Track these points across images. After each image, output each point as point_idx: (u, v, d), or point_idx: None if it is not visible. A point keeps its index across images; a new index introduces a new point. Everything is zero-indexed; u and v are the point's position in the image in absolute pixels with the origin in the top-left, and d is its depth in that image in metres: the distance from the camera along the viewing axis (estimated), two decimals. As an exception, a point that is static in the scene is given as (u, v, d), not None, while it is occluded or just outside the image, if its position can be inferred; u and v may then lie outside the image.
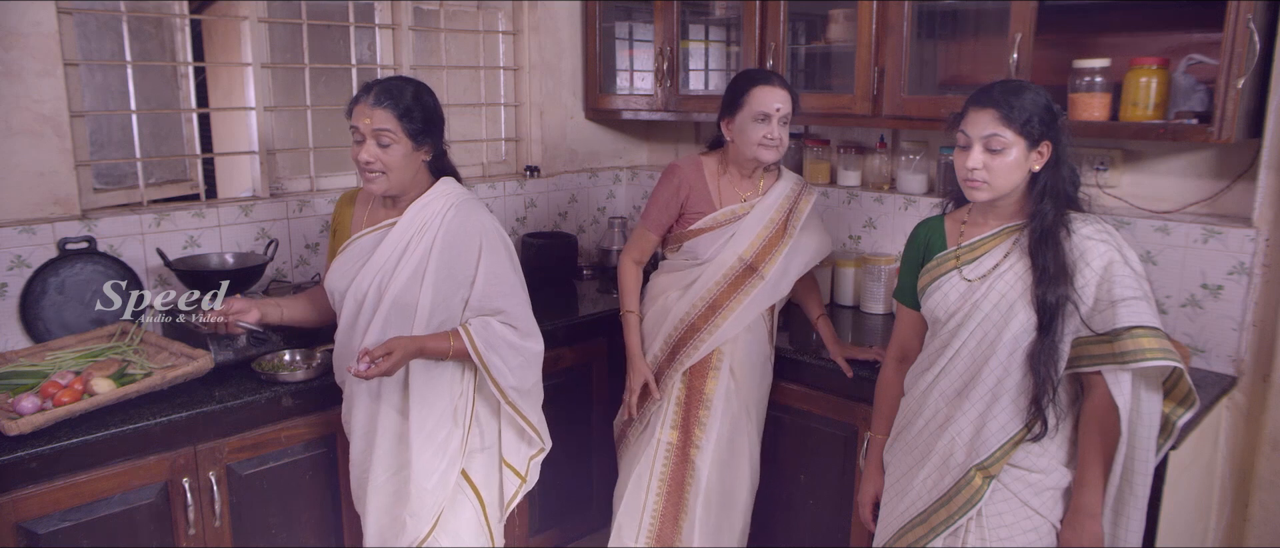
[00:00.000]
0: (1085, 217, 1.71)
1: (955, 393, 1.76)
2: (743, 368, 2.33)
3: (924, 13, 2.55)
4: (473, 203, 2.04)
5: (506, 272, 2.02)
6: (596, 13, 3.37)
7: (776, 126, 2.21)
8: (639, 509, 2.40)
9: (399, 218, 2.00)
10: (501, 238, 2.03)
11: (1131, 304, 1.60)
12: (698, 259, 2.34)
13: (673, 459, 2.37)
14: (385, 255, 1.98)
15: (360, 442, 2.08)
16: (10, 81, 2.21)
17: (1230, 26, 1.94)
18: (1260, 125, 2.13)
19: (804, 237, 2.34)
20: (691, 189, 2.33)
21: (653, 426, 2.39)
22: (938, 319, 1.81)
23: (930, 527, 1.77)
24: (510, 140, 3.44)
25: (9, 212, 2.26)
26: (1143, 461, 1.65)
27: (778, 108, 2.20)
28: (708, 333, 2.29)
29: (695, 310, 2.30)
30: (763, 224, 2.29)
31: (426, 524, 2.02)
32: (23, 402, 1.85)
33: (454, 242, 1.97)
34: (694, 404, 2.34)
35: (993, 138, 1.65)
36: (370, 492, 2.06)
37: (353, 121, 1.92)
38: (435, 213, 1.98)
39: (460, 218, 1.99)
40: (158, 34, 2.86)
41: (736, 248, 2.28)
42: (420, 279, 1.96)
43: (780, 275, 2.30)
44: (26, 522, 1.83)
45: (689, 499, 2.35)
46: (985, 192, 1.69)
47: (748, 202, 2.32)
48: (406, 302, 1.97)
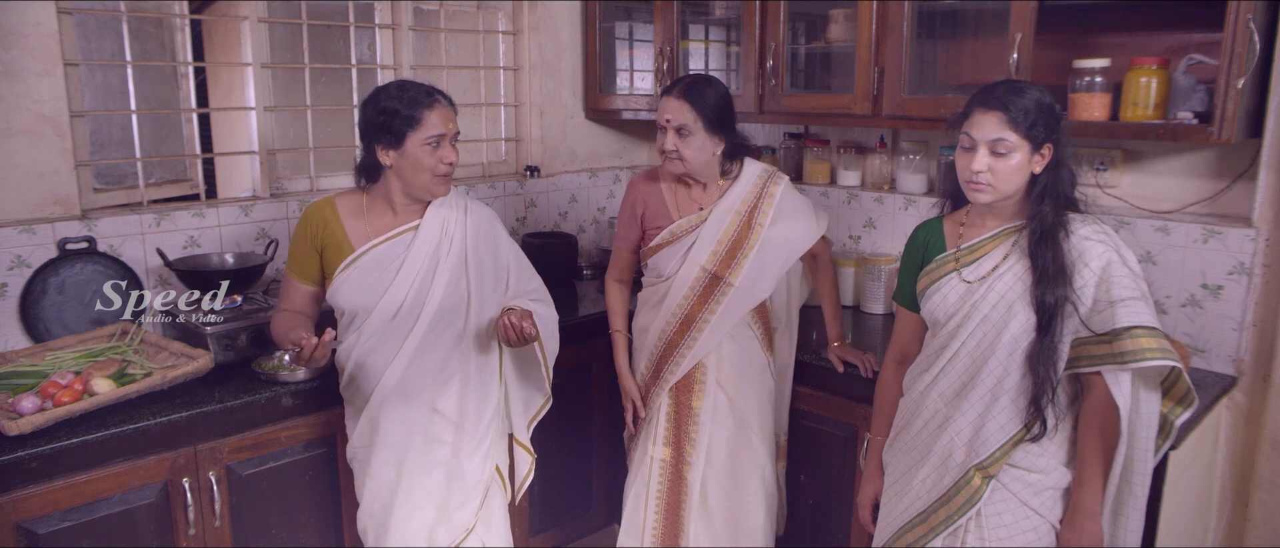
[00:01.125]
0: (1083, 217, 1.71)
1: (954, 393, 1.76)
2: (732, 379, 2.27)
3: (924, 13, 2.55)
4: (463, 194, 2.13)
5: (519, 250, 2.19)
6: (596, 13, 3.37)
7: (671, 138, 2.14)
8: (639, 528, 2.38)
9: (418, 222, 2.00)
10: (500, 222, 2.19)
11: (1130, 304, 1.61)
12: (662, 275, 2.29)
13: (667, 476, 2.34)
14: (418, 262, 1.97)
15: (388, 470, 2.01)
16: (10, 81, 2.21)
17: (1230, 26, 1.94)
18: (1260, 125, 2.13)
19: (777, 229, 2.22)
20: (647, 203, 2.31)
21: (645, 443, 2.36)
22: (937, 321, 1.81)
23: (930, 527, 1.77)
24: (510, 140, 3.44)
25: (9, 212, 2.26)
26: (1142, 460, 1.65)
27: (668, 119, 2.14)
28: (686, 348, 2.25)
29: (670, 327, 2.26)
30: (722, 228, 2.21)
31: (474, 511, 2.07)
32: (23, 402, 1.85)
33: (481, 237, 2.06)
34: (683, 419, 2.30)
35: (999, 142, 1.65)
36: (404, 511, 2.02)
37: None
38: (452, 211, 2.02)
39: (476, 213, 2.08)
40: (158, 34, 2.86)
41: (697, 258, 2.22)
42: (462, 279, 2.00)
43: (756, 278, 2.21)
44: (26, 522, 1.83)
45: (684, 518, 2.32)
46: (989, 194, 1.69)
47: (705, 209, 2.24)
48: (452, 304, 1.99)
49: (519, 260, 2.17)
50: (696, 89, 2.14)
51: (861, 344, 2.46)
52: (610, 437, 2.94)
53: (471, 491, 2.07)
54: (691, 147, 2.15)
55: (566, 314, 2.81)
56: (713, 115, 2.14)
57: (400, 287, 1.96)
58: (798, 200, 2.30)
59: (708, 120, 2.14)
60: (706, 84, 2.17)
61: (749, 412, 2.29)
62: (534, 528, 2.78)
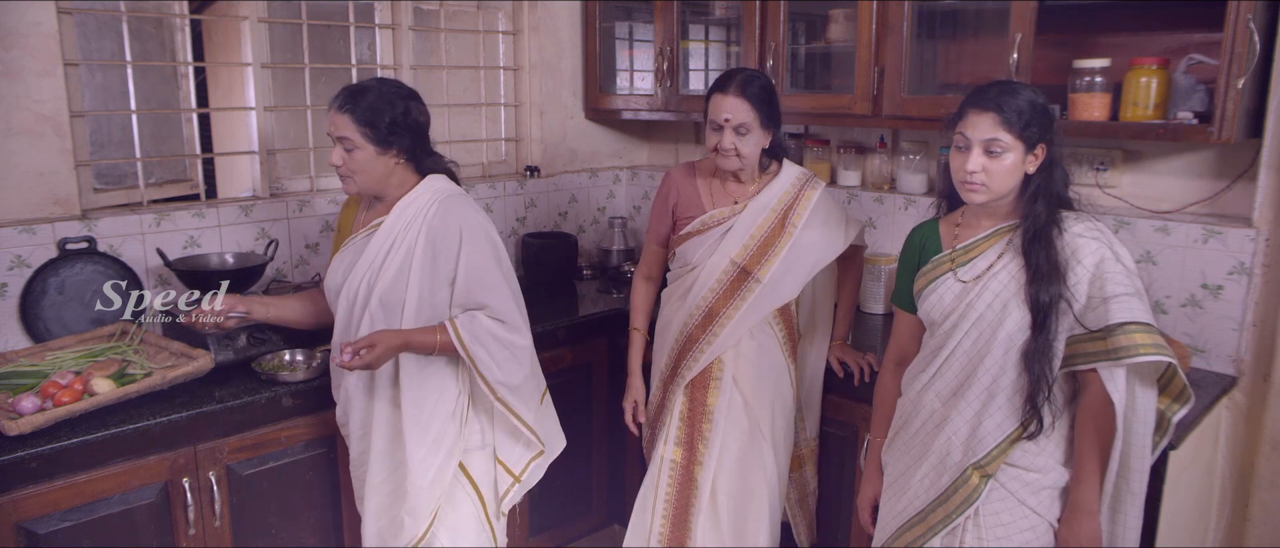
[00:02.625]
0: (1077, 215, 1.71)
1: (951, 393, 1.76)
2: (748, 379, 2.23)
3: (924, 13, 2.55)
4: (458, 199, 2.02)
5: (488, 265, 1.99)
6: (596, 13, 3.37)
7: (729, 136, 2.10)
8: (645, 531, 2.33)
9: (382, 220, 2.01)
10: (485, 232, 2.01)
11: (1123, 300, 1.61)
12: (689, 264, 2.26)
13: (677, 478, 2.29)
14: (373, 253, 1.99)
15: (357, 443, 2.08)
16: (10, 81, 2.21)
17: (1230, 26, 1.94)
18: (1260, 125, 2.13)
19: (810, 233, 2.20)
20: (681, 194, 2.29)
21: (657, 442, 2.32)
22: (933, 321, 1.81)
23: (928, 526, 1.78)
24: (510, 140, 3.44)
25: (9, 212, 2.26)
26: (1139, 457, 1.65)
27: (727, 117, 2.09)
28: (707, 343, 2.21)
29: (693, 320, 2.22)
30: (756, 224, 2.19)
31: (423, 522, 2.02)
32: (23, 402, 1.85)
33: (435, 237, 1.97)
34: (696, 418, 2.26)
35: (993, 142, 1.65)
36: (368, 491, 2.06)
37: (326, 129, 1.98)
38: (419, 210, 1.98)
39: (442, 213, 1.98)
40: (158, 34, 2.86)
41: (727, 251, 2.19)
42: (405, 276, 1.97)
43: (782, 276, 2.18)
44: (26, 522, 1.83)
45: (692, 520, 2.27)
46: (983, 194, 1.69)
47: (739, 203, 2.22)
48: (392, 299, 1.98)
49: (476, 270, 1.98)
50: (752, 86, 2.11)
51: (861, 344, 2.46)
52: (610, 437, 2.94)
53: (420, 496, 2.01)
54: (748, 144, 2.13)
55: (567, 315, 2.82)
56: (768, 112, 2.13)
57: (356, 275, 2.00)
58: (832, 209, 2.27)
59: (763, 117, 2.13)
60: (758, 79, 2.13)
61: (762, 415, 2.24)
62: (534, 528, 2.78)
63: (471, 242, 1.98)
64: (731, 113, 2.09)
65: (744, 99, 2.09)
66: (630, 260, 3.39)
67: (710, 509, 2.27)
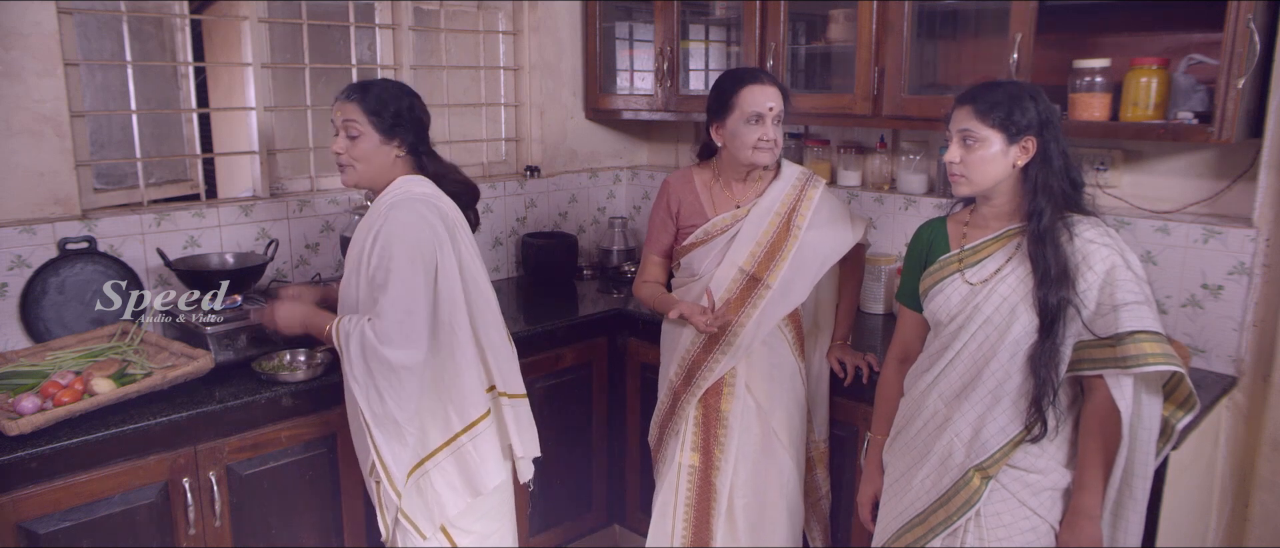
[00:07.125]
0: (1090, 220, 1.70)
1: (955, 394, 1.76)
2: (762, 385, 2.21)
3: (924, 13, 2.55)
4: (409, 203, 1.93)
5: (388, 262, 1.86)
6: (596, 13, 3.37)
7: (771, 127, 2.09)
8: (668, 534, 2.31)
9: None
10: (407, 234, 1.88)
11: (1134, 309, 1.61)
12: (696, 274, 2.24)
13: (696, 484, 2.27)
14: (350, 252, 2.02)
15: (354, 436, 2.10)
16: (10, 81, 2.21)
17: (1230, 26, 1.94)
18: (1260, 125, 2.13)
19: (815, 233, 2.17)
20: (682, 202, 2.25)
21: (672, 449, 2.29)
22: (939, 322, 1.81)
23: (929, 527, 1.77)
24: (510, 140, 3.44)
25: (9, 212, 2.26)
26: (1143, 464, 1.65)
27: (770, 106, 2.08)
28: (722, 352, 2.18)
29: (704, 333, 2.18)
30: (761, 229, 2.17)
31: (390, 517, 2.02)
32: (23, 402, 1.85)
33: (378, 237, 1.91)
34: (712, 423, 2.24)
35: (967, 133, 1.68)
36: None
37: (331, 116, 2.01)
38: (381, 211, 1.96)
39: (392, 215, 1.91)
40: (158, 34, 2.86)
41: (735, 259, 2.16)
42: (355, 276, 1.99)
43: (792, 279, 2.15)
44: (27, 522, 1.83)
45: (713, 525, 2.25)
46: (964, 185, 1.72)
47: (742, 208, 2.20)
48: (347, 299, 2.01)
49: (378, 267, 1.88)
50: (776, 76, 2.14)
51: (861, 344, 2.46)
52: (610, 437, 2.94)
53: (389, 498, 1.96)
54: (781, 133, 2.15)
55: (567, 314, 2.82)
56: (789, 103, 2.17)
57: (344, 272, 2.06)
58: (835, 207, 2.24)
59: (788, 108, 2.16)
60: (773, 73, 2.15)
61: (777, 419, 2.23)
62: (534, 528, 2.78)
63: (384, 240, 1.89)
64: (774, 101, 2.10)
65: (778, 88, 2.12)
66: (630, 260, 3.39)
67: (728, 516, 2.26)
